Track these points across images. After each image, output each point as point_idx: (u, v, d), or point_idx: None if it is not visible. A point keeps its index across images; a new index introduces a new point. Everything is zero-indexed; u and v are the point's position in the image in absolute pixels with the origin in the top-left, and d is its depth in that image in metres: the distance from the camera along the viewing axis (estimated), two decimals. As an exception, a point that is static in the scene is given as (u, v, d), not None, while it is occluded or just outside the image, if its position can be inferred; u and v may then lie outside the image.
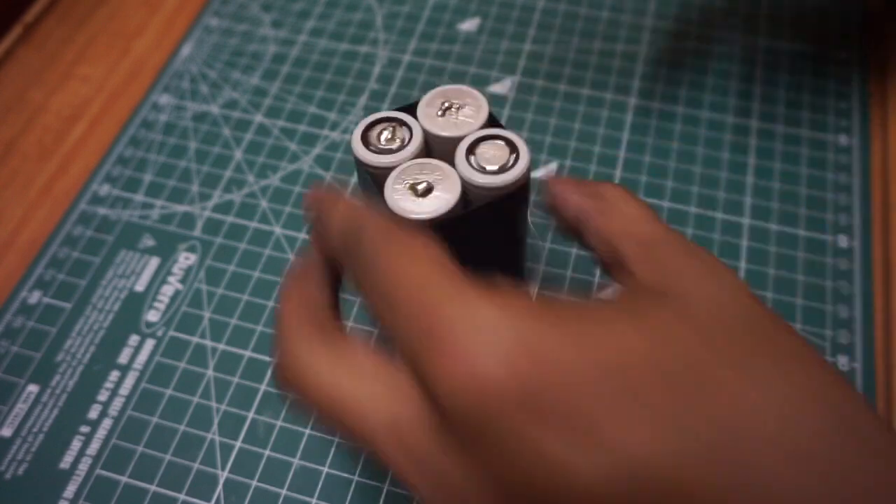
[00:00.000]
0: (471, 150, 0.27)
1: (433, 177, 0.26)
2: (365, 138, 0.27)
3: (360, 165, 0.27)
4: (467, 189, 0.26)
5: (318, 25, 0.45)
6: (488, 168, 0.26)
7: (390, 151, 0.27)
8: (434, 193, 0.26)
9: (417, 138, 0.27)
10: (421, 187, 0.26)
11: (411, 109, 0.28)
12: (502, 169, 0.26)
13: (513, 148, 0.26)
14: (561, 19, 0.45)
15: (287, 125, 0.41)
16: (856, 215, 0.37)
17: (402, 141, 0.27)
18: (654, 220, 0.22)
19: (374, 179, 0.27)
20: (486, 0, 0.46)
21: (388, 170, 0.27)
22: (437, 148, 0.28)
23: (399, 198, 0.26)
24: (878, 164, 0.39)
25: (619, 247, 0.22)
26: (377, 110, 0.41)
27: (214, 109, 0.42)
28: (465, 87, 0.28)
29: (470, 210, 0.26)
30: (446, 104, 0.28)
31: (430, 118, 0.28)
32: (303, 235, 0.36)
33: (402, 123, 0.28)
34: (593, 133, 0.40)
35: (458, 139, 0.27)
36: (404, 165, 0.27)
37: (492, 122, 0.28)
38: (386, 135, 0.27)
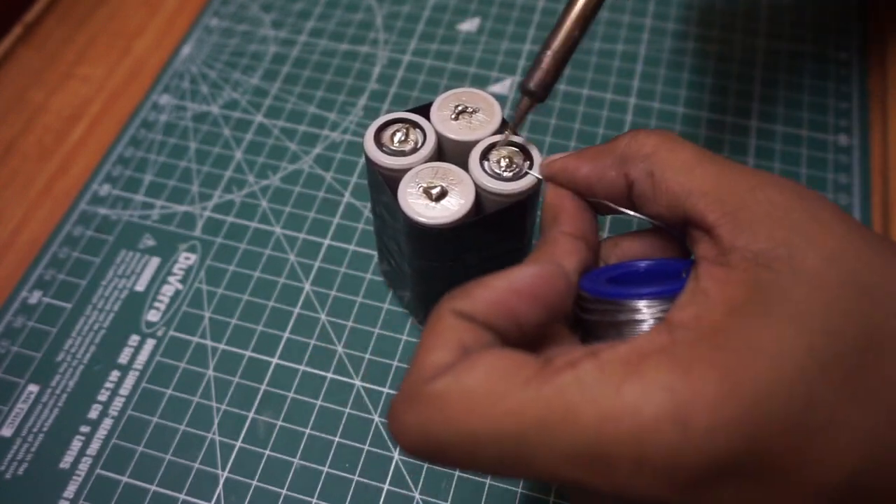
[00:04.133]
0: (484, 155, 0.27)
1: (447, 181, 0.26)
2: (377, 139, 0.27)
3: (372, 166, 0.27)
4: (481, 194, 0.26)
5: (319, 26, 0.45)
6: (503, 174, 0.26)
7: (403, 153, 0.27)
8: (448, 198, 0.26)
9: (431, 141, 0.27)
10: (435, 191, 0.26)
11: (424, 111, 0.28)
12: (516, 176, 0.26)
13: (526, 154, 0.26)
14: (561, 19, 0.45)
15: (287, 125, 0.41)
16: (855, 215, 0.37)
17: (416, 143, 0.27)
18: (713, 162, 0.20)
19: (386, 180, 0.27)
20: (485, 0, 0.46)
21: (401, 172, 0.26)
22: (449, 151, 0.28)
23: (413, 201, 0.26)
24: (878, 164, 0.39)
25: (692, 212, 0.20)
26: (377, 110, 0.41)
27: (214, 109, 0.42)
28: (478, 91, 0.28)
29: (483, 216, 0.26)
30: (459, 107, 0.28)
31: (444, 121, 0.28)
32: (303, 235, 0.37)
33: (416, 125, 0.28)
34: (593, 133, 0.40)
35: (472, 143, 0.27)
36: (418, 168, 0.26)
37: (505, 127, 0.28)
38: (399, 136, 0.27)
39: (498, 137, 0.27)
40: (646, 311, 0.19)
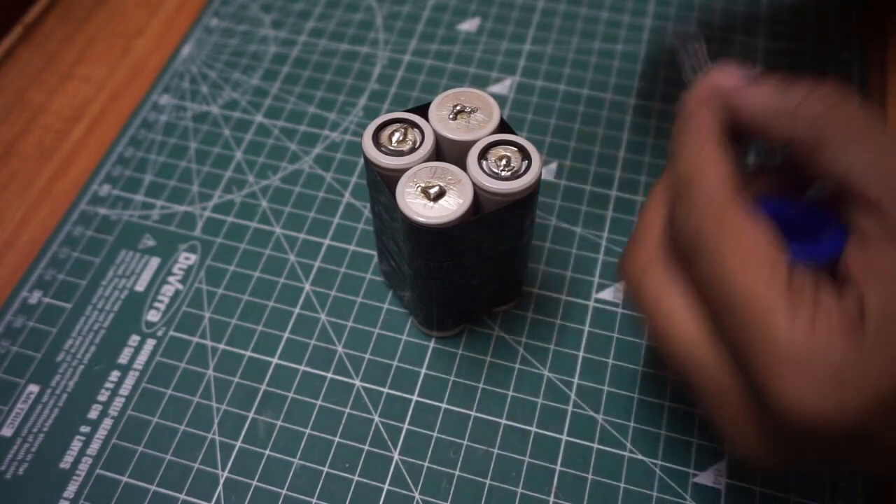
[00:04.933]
0: (483, 154, 0.27)
1: (445, 181, 0.26)
2: (376, 139, 0.27)
3: (371, 166, 0.27)
4: (479, 194, 0.26)
5: (319, 26, 0.45)
6: (501, 174, 0.26)
7: (402, 153, 0.27)
8: (446, 197, 0.26)
9: (429, 141, 0.27)
10: (433, 191, 0.26)
11: (422, 111, 0.28)
12: (514, 175, 0.26)
13: (525, 154, 0.26)
14: (561, 19, 0.45)
15: (287, 125, 0.41)
16: (856, 215, 0.37)
17: (414, 143, 0.27)
18: (886, 138, 0.20)
19: (384, 180, 0.27)
20: (486, 0, 0.46)
21: (399, 171, 0.27)
22: (448, 151, 0.28)
23: (412, 201, 0.26)
24: (878, 164, 0.39)
25: (853, 187, 0.19)
26: (377, 111, 0.41)
27: (214, 110, 0.42)
28: (476, 91, 0.28)
29: (481, 216, 0.26)
30: (458, 107, 0.28)
31: (442, 121, 0.28)
32: (303, 235, 0.37)
33: (414, 125, 0.28)
34: (593, 133, 0.40)
35: (470, 143, 0.27)
36: (416, 168, 0.26)
37: (503, 126, 0.28)
38: (397, 136, 0.27)
39: (494, 138, 0.27)
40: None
